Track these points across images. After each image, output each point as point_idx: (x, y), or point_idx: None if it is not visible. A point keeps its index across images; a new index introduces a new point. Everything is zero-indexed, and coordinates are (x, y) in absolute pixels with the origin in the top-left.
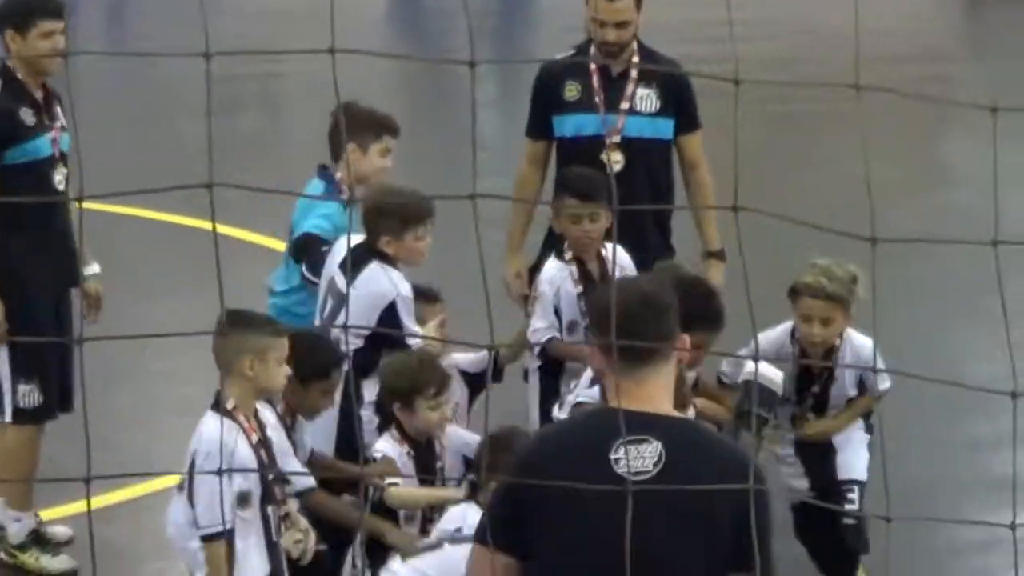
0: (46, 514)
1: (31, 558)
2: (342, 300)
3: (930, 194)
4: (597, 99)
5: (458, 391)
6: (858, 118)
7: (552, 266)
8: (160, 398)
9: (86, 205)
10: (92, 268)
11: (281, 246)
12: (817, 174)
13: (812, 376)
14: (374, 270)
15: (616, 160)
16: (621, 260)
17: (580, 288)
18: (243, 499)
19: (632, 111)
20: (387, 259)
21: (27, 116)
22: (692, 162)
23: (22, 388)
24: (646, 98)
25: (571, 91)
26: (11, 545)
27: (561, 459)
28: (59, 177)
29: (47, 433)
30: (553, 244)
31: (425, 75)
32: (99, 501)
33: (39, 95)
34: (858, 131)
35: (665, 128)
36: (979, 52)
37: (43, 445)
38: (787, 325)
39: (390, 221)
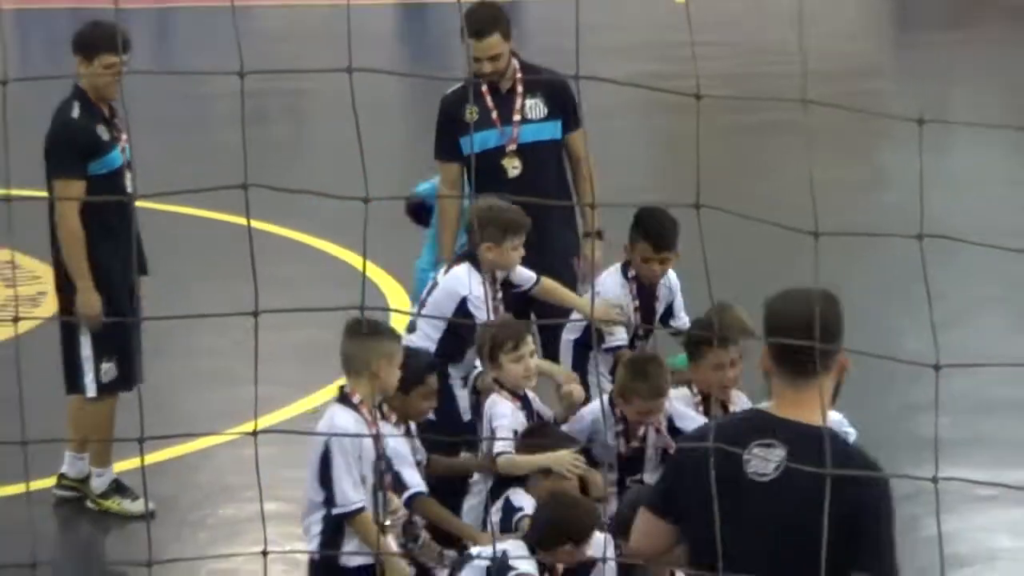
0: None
1: (114, 504)
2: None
3: (866, 195)
4: (493, 115)
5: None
6: (804, 128)
7: (615, 282)
8: (202, 370)
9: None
10: None
11: (308, 239)
12: (767, 176)
13: None
14: (462, 269)
15: (515, 166)
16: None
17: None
18: (361, 482)
19: (524, 120)
20: (476, 264)
21: (103, 132)
22: (578, 156)
23: (104, 366)
24: (534, 107)
25: (471, 113)
26: (96, 495)
27: (715, 450)
28: (128, 182)
29: None
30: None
31: (430, 87)
32: (151, 458)
33: (107, 112)
34: (805, 140)
35: (554, 130)
36: (907, 69)
37: None
38: None
39: (493, 230)
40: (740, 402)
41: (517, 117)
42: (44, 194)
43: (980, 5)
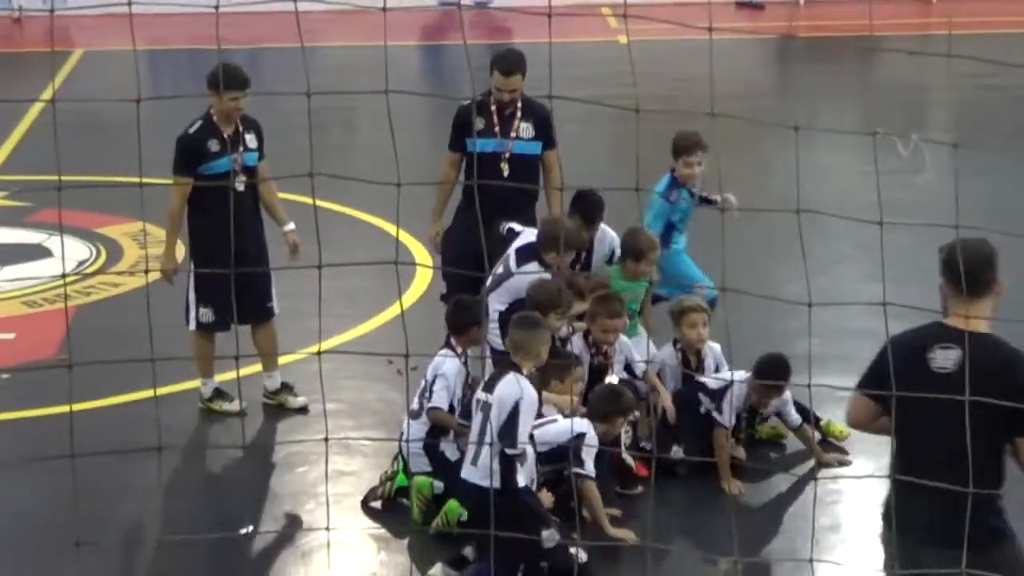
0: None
1: (216, 405)
2: (507, 275)
3: (759, 181)
4: (496, 129)
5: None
6: (714, 135)
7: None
8: (280, 308)
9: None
10: (289, 225)
11: (356, 213)
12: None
13: None
14: (535, 267)
15: (507, 169)
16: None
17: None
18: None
19: (517, 137)
20: (544, 264)
21: (213, 145)
22: (550, 167)
23: (202, 310)
24: (526, 129)
25: (479, 123)
26: (204, 398)
27: (905, 347)
28: (239, 184)
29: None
30: (463, 211)
31: (445, 105)
32: (244, 371)
33: (227, 132)
34: (715, 142)
35: (536, 147)
36: (787, 91)
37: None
38: None
39: (556, 244)
40: (712, 351)
41: (513, 134)
42: (167, 181)
43: (840, 45)
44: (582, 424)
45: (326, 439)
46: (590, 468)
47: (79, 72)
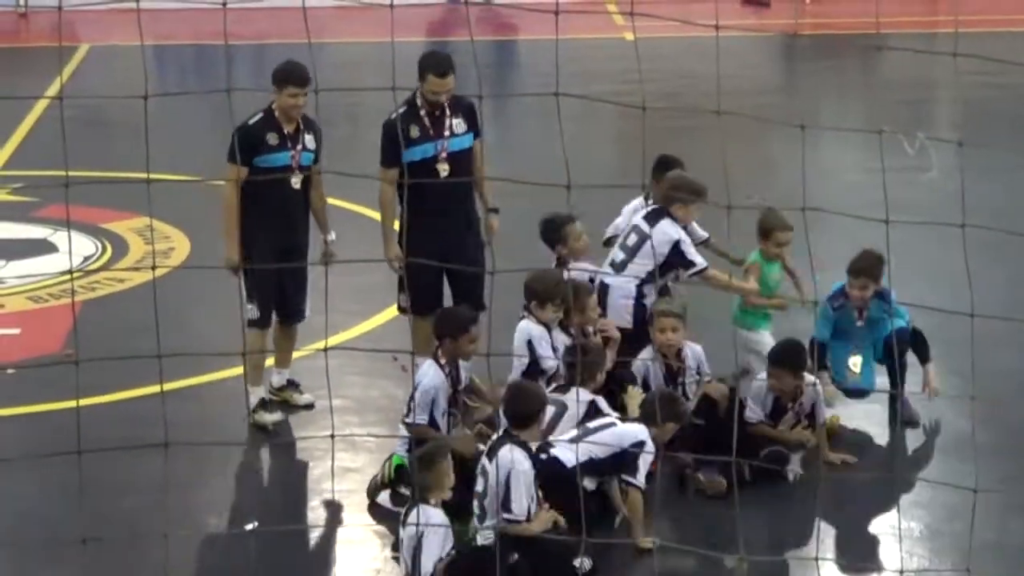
0: None
1: (260, 416)
2: (643, 240)
3: (764, 179)
4: (431, 132)
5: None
6: (719, 131)
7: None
8: None
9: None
10: (331, 235)
11: (359, 209)
12: (692, 165)
13: None
14: (668, 223)
15: (444, 169)
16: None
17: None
18: None
19: (452, 135)
20: (672, 217)
21: (272, 139)
22: (478, 156)
23: (248, 306)
24: (458, 124)
25: (414, 131)
26: (251, 409)
27: None
28: (295, 180)
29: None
30: (404, 234)
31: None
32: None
33: (288, 129)
34: (720, 140)
35: (469, 141)
36: (792, 89)
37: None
38: None
39: (681, 195)
40: (693, 352)
41: (447, 133)
42: (175, 177)
43: (846, 43)
44: (643, 431)
45: (332, 435)
46: (641, 479)
47: (85, 67)
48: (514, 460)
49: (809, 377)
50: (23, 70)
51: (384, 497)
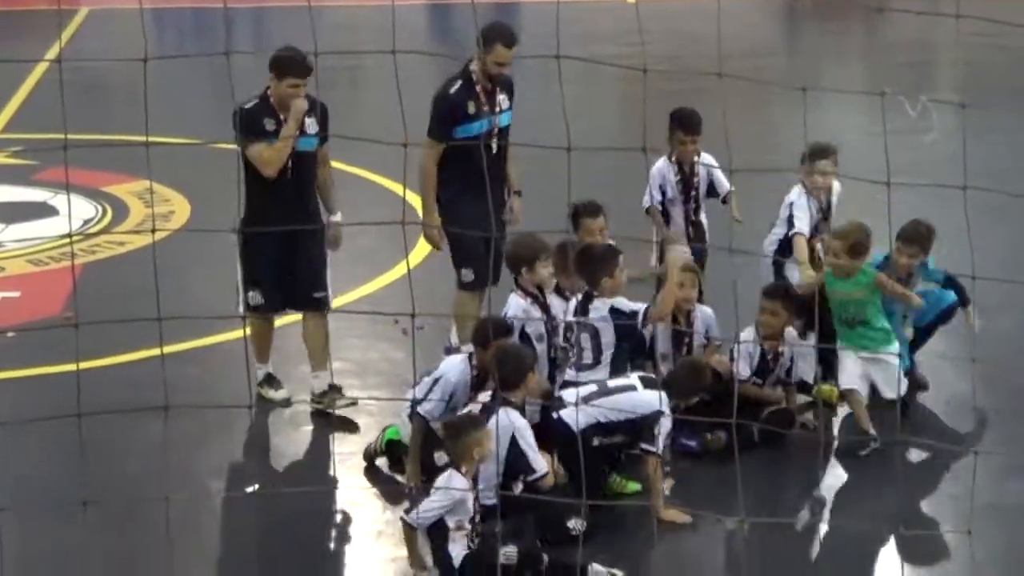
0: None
1: (265, 392)
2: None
3: (766, 141)
4: (485, 108)
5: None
6: (720, 93)
7: (662, 166)
8: None
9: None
10: (337, 216)
11: (363, 172)
12: None
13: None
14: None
15: (495, 146)
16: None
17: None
18: None
19: (501, 111)
20: None
21: (268, 125)
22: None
23: (250, 293)
24: (503, 100)
25: (471, 107)
26: (257, 383)
27: None
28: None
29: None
30: (458, 196)
31: (452, 66)
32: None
33: (284, 115)
34: (720, 103)
35: (509, 117)
36: (794, 51)
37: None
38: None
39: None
40: (703, 314)
41: (498, 108)
42: (175, 140)
43: (848, 4)
44: (661, 400)
45: (327, 390)
46: (659, 446)
47: (84, 31)
48: (512, 421)
49: (792, 331)
50: (22, 33)
51: (383, 461)
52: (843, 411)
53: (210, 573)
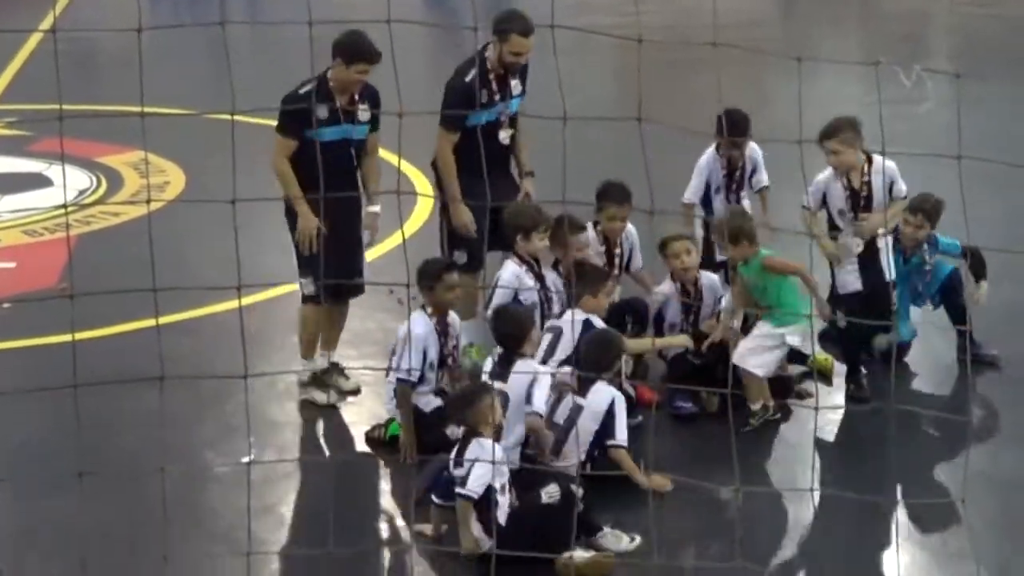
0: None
1: (307, 393)
2: None
3: (760, 111)
4: (497, 97)
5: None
6: (715, 64)
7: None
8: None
9: (246, 118)
10: (375, 207)
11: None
12: (689, 97)
13: (858, 194)
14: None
15: (504, 134)
16: (713, 283)
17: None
18: None
19: (511, 96)
20: None
21: (321, 112)
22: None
23: (303, 281)
24: (516, 86)
25: (483, 96)
26: (303, 383)
27: None
28: (347, 154)
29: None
30: (470, 185)
31: (446, 36)
32: (246, 301)
33: (342, 100)
34: (715, 71)
35: (518, 103)
36: (789, 20)
37: None
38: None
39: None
40: (708, 280)
41: (510, 95)
42: (170, 110)
43: None
44: (611, 392)
45: (328, 368)
46: (622, 436)
47: (79, 1)
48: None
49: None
50: (16, 4)
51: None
52: (839, 381)
53: (207, 545)
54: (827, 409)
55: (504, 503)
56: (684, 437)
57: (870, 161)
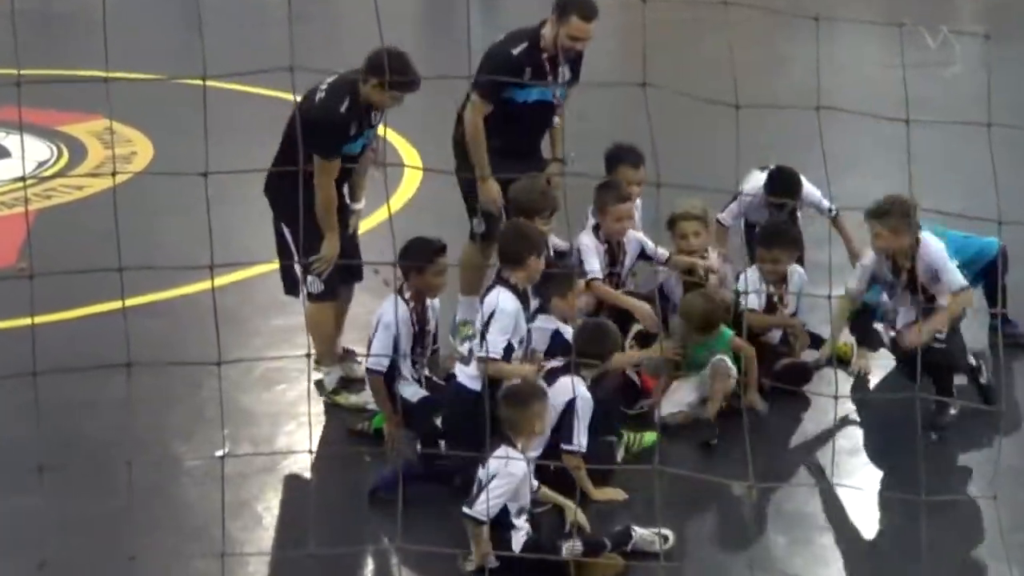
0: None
1: (343, 399)
2: None
3: (775, 75)
4: (548, 77)
5: None
6: (726, 23)
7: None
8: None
9: (222, 84)
10: (359, 204)
11: None
12: (697, 60)
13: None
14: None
15: (551, 118)
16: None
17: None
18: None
19: (561, 82)
20: None
21: (353, 128)
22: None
23: (309, 279)
24: (565, 71)
25: (528, 74)
26: (329, 391)
27: None
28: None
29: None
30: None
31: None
32: (219, 282)
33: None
34: (725, 32)
35: (564, 90)
36: None
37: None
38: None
39: None
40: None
41: (560, 79)
42: (136, 75)
43: None
44: (574, 386)
45: (308, 355)
46: (578, 442)
47: None
48: (498, 299)
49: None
50: None
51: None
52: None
53: (177, 544)
54: (845, 398)
55: (522, 528)
56: (691, 428)
57: (918, 242)
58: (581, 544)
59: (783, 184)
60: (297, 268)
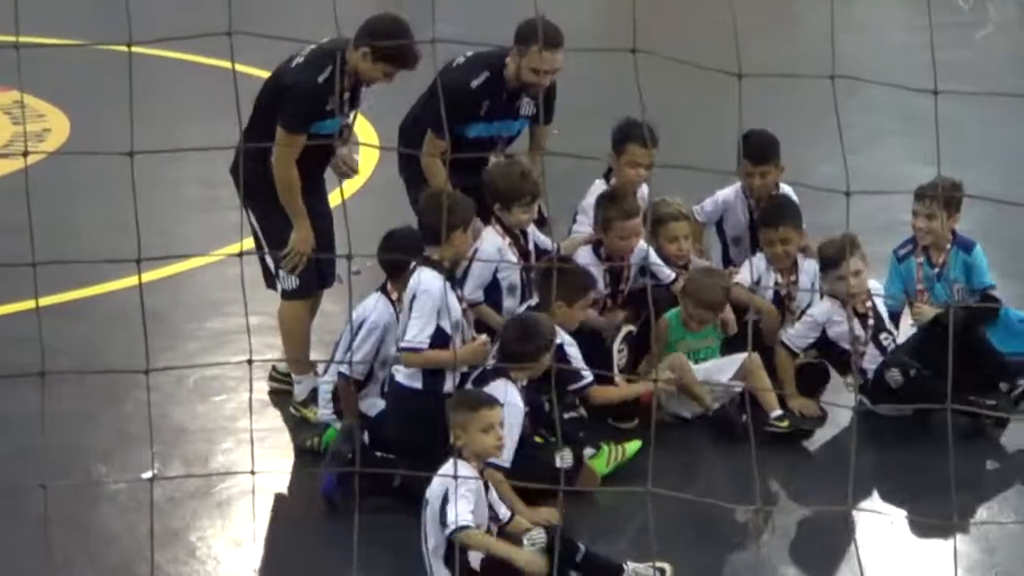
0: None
1: (311, 412)
2: None
3: (787, 38)
4: (501, 112)
5: None
6: None
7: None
8: (192, 198)
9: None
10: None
11: None
12: (696, 26)
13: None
14: None
15: (496, 157)
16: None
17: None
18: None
19: (517, 117)
20: None
21: (330, 103)
22: (540, 146)
23: (282, 275)
24: (526, 104)
25: (484, 107)
26: (297, 402)
27: None
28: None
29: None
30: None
31: None
32: (147, 277)
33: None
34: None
35: (524, 124)
36: None
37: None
38: None
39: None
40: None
41: (515, 114)
42: (51, 41)
43: None
44: (499, 387)
45: (249, 361)
46: (505, 458)
47: None
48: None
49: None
50: None
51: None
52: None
53: (95, 575)
54: (867, 410)
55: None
56: (691, 445)
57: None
58: (543, 537)
59: (759, 146)
60: (269, 261)
